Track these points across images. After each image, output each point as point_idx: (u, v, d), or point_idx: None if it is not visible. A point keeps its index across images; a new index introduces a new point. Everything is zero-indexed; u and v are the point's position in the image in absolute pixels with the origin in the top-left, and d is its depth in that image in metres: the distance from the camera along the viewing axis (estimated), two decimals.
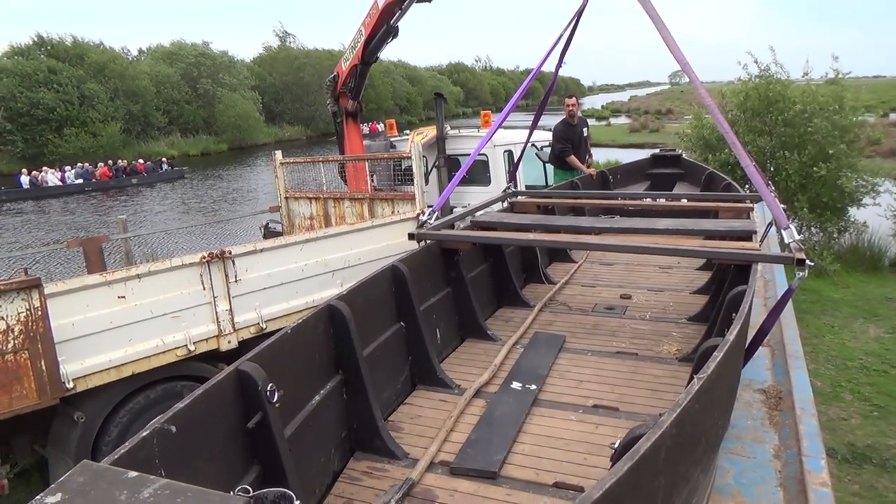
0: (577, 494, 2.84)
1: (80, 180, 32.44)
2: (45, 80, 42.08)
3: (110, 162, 35.58)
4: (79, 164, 34.17)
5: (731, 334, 2.66)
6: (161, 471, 1.98)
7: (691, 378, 2.76)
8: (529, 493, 2.92)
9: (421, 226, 4.86)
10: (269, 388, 2.57)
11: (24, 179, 31.17)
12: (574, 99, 9.00)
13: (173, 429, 2.12)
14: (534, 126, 6.83)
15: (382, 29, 8.94)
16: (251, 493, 1.52)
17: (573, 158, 8.67)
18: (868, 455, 5.60)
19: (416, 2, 8.54)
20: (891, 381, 7.10)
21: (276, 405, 2.61)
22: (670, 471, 2.00)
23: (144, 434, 2.03)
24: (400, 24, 9.14)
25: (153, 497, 1.50)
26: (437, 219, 5.02)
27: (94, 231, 18.41)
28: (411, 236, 4.71)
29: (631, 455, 1.71)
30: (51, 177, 32.13)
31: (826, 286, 10.57)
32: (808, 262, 3.46)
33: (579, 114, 9.11)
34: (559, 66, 5.86)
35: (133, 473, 1.61)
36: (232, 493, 1.56)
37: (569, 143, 8.73)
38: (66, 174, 32.58)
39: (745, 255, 4.05)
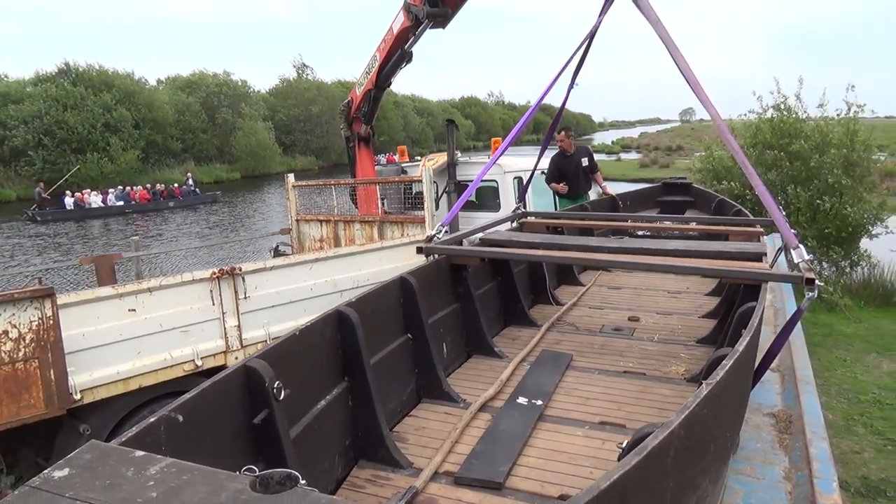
0: None
1: (121, 202, 33.87)
2: (74, 104, 43.28)
3: (149, 185, 37.21)
4: (119, 187, 35.77)
5: (741, 345, 2.66)
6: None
7: None
8: None
9: (430, 240, 4.87)
10: (276, 385, 2.58)
11: (69, 200, 32.59)
12: (563, 134, 9.02)
13: (180, 418, 2.13)
14: (542, 153, 6.89)
15: (397, 54, 9.11)
16: (257, 473, 1.53)
17: (554, 185, 8.83)
18: (882, 488, 5.48)
19: (431, 28, 8.70)
20: None
21: (283, 403, 2.62)
22: (678, 474, 1.99)
23: (152, 420, 2.05)
24: (414, 51, 9.33)
25: (160, 474, 1.52)
26: (445, 234, 5.05)
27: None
28: (419, 250, 4.73)
29: (639, 451, 1.71)
30: (94, 198, 33.48)
31: (838, 320, 10.47)
32: (817, 282, 3.44)
33: (573, 145, 9.09)
34: (571, 87, 5.91)
35: (140, 452, 1.63)
36: (238, 472, 1.58)
37: (557, 173, 8.85)
38: (109, 196, 34.00)
39: (754, 274, 4.04)
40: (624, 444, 2.15)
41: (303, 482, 1.51)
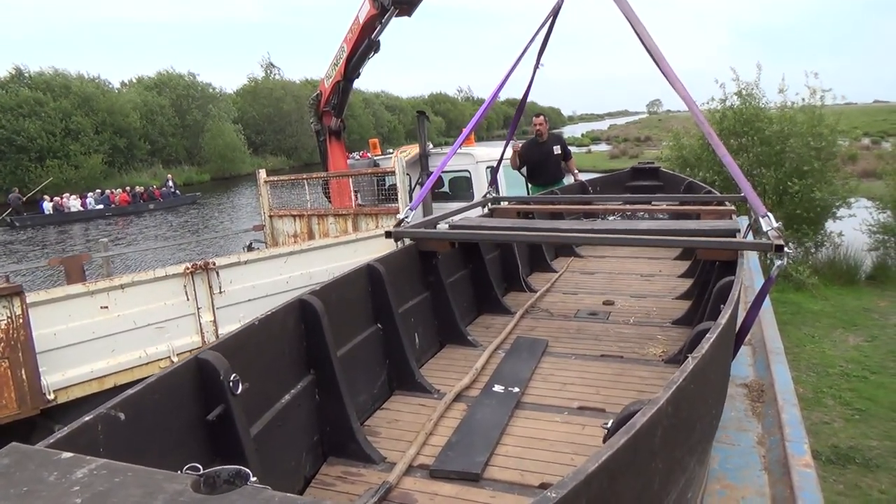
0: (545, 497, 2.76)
1: (101, 206, 33.57)
2: (31, 112, 42.29)
3: (128, 188, 36.85)
4: (97, 190, 35.41)
5: (723, 318, 2.61)
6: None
7: None
8: (514, 495, 2.79)
9: (398, 224, 4.77)
10: (232, 378, 2.40)
11: (47, 205, 32.16)
12: (542, 118, 8.88)
13: (122, 416, 1.93)
14: (509, 138, 6.94)
15: (364, 44, 9.07)
16: (201, 472, 1.35)
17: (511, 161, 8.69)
18: (851, 456, 5.65)
19: (397, 16, 8.68)
20: (871, 386, 7.20)
21: (241, 398, 2.44)
22: (667, 455, 1.92)
23: (87, 419, 1.83)
24: (382, 49, 9.31)
25: (87, 477, 1.35)
26: (413, 218, 4.97)
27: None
28: (388, 234, 4.62)
29: (627, 430, 1.61)
30: (72, 202, 33.09)
31: (805, 299, 10.74)
32: (786, 249, 3.48)
33: (546, 132, 9.01)
34: (536, 67, 5.94)
35: (67, 454, 1.45)
36: (180, 472, 1.40)
37: (525, 158, 8.80)
38: (87, 200, 33.68)
39: (726, 244, 4.09)
40: (609, 424, 2.06)
41: (253, 479, 1.35)
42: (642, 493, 1.82)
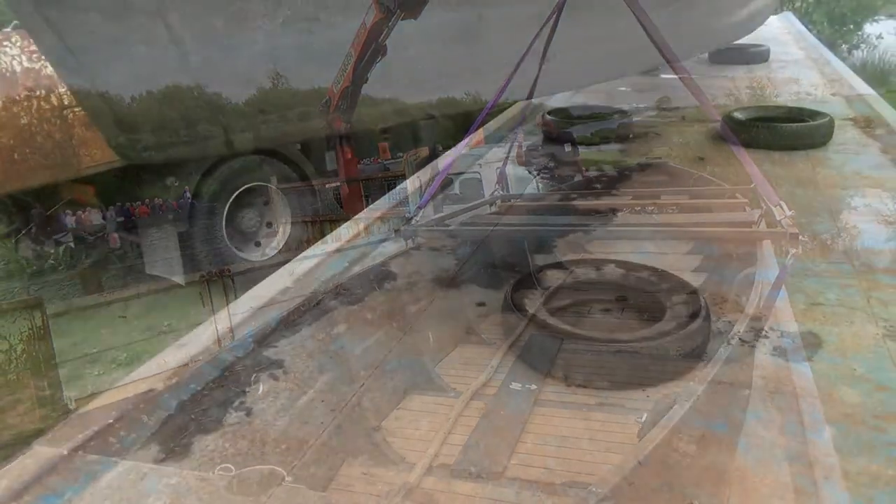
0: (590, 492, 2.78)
1: (122, 218, 33.80)
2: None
3: (147, 200, 37.19)
4: (118, 204, 35.72)
5: (749, 309, 2.62)
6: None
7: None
8: (539, 493, 2.79)
9: (407, 223, 4.77)
10: (253, 377, 2.50)
11: (70, 220, 32.44)
12: (550, 118, 8.96)
13: (145, 417, 2.01)
14: (514, 137, 6.95)
15: (371, 48, 9.10)
16: (234, 472, 1.36)
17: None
18: (877, 447, 5.57)
19: (403, 19, 8.68)
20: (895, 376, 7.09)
21: (262, 397, 2.51)
22: (702, 447, 1.98)
23: (109, 422, 1.91)
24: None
25: (117, 479, 1.38)
26: (422, 217, 4.98)
27: None
28: (397, 231, 4.64)
29: (664, 423, 1.66)
30: (94, 216, 33.40)
31: (822, 289, 10.62)
32: (800, 237, 3.46)
33: (555, 131, 9.05)
34: (542, 63, 5.95)
35: (93, 457, 1.52)
36: (211, 473, 1.42)
37: (536, 158, 8.81)
38: (108, 213, 33.95)
39: (743, 234, 4.07)
40: (643, 418, 2.04)
41: (289, 479, 1.38)
42: (681, 486, 1.85)
